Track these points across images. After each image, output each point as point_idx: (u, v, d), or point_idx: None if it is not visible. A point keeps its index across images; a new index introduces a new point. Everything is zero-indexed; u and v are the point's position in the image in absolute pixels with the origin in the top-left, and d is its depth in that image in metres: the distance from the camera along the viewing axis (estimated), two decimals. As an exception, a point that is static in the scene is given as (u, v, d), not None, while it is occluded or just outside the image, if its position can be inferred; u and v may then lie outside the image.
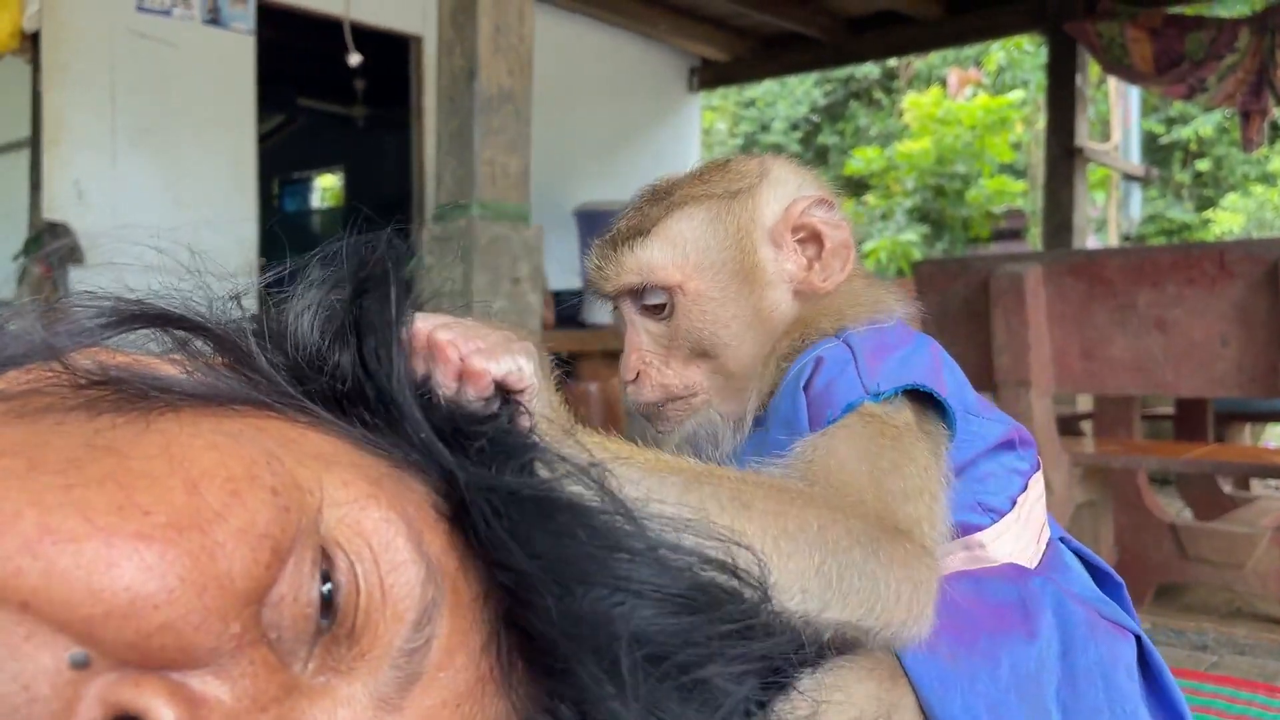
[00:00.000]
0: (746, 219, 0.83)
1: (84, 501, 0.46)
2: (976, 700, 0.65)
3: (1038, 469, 0.84)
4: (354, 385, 0.61)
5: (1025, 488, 0.81)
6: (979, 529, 0.77)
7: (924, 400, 0.74)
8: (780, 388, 0.79)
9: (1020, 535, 0.79)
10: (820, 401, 0.74)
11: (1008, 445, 0.81)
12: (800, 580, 0.58)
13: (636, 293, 0.84)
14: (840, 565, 0.59)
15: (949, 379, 0.79)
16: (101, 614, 0.45)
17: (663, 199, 0.84)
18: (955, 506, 0.75)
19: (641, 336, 0.84)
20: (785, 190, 0.84)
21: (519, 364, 0.57)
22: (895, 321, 0.83)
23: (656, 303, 0.83)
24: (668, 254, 0.82)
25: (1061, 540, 0.85)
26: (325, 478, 0.55)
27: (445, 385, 0.56)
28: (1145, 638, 0.80)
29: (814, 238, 0.83)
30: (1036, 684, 0.69)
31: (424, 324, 0.58)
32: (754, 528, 0.57)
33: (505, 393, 0.58)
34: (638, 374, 0.84)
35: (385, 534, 0.55)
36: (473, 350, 0.56)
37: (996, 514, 0.78)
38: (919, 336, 0.82)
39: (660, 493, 0.57)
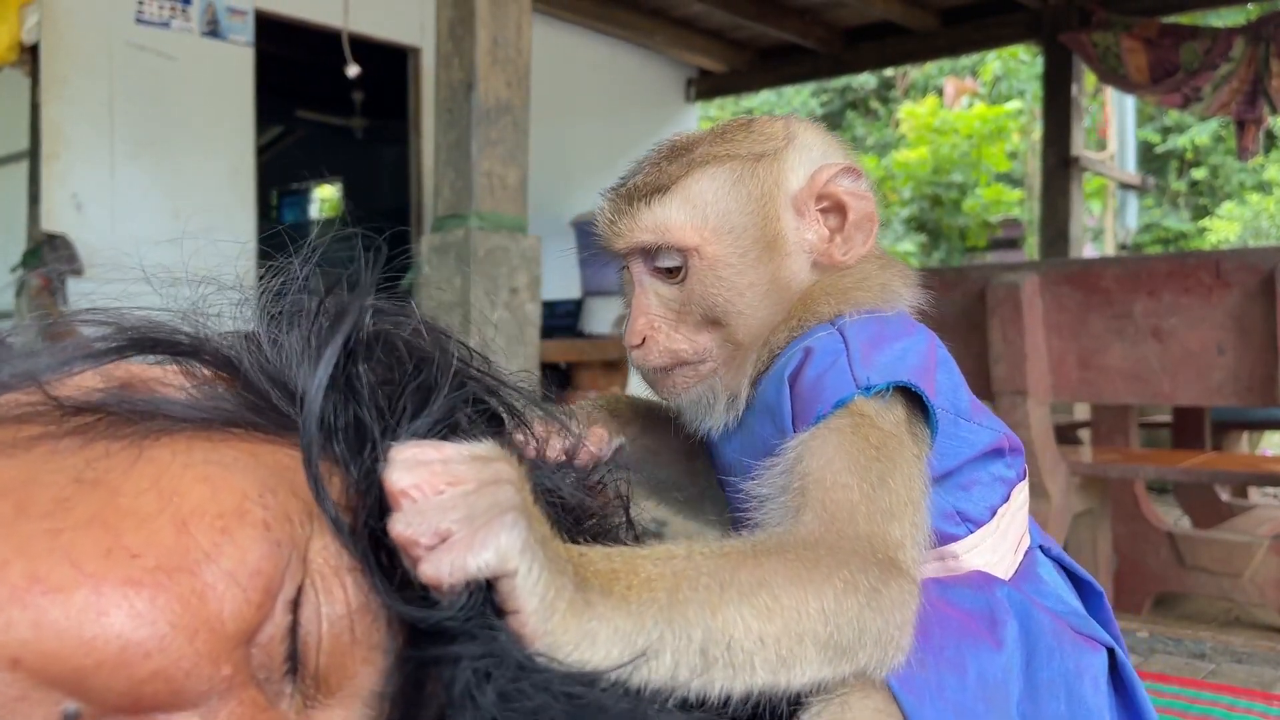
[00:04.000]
0: (771, 183, 0.78)
1: (72, 546, 0.45)
2: (945, 707, 0.65)
3: (1024, 478, 0.82)
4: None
5: (1007, 498, 0.79)
6: (955, 539, 0.76)
7: (914, 397, 0.72)
8: (769, 373, 0.77)
9: (997, 546, 0.78)
10: (810, 395, 0.71)
11: (996, 452, 0.79)
12: (818, 662, 0.58)
13: (649, 253, 0.79)
14: (855, 631, 0.59)
15: (943, 378, 0.77)
16: (93, 664, 0.44)
17: (682, 155, 0.79)
18: (933, 514, 0.72)
19: (650, 299, 0.79)
20: (811, 156, 0.80)
21: (488, 558, 0.48)
22: (898, 311, 0.80)
23: (670, 265, 0.78)
24: (686, 214, 0.77)
25: (1042, 548, 0.83)
26: (316, 510, 0.54)
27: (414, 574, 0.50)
28: (1120, 650, 0.79)
29: (837, 208, 0.79)
30: (1003, 693, 0.69)
31: (393, 486, 0.49)
32: (776, 629, 0.56)
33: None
34: (644, 339, 0.79)
35: (363, 576, 0.53)
36: (436, 544, 0.48)
37: (974, 524, 0.77)
38: (918, 329, 0.79)
39: (677, 626, 0.54)
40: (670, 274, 0.78)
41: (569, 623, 0.50)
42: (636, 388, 1.02)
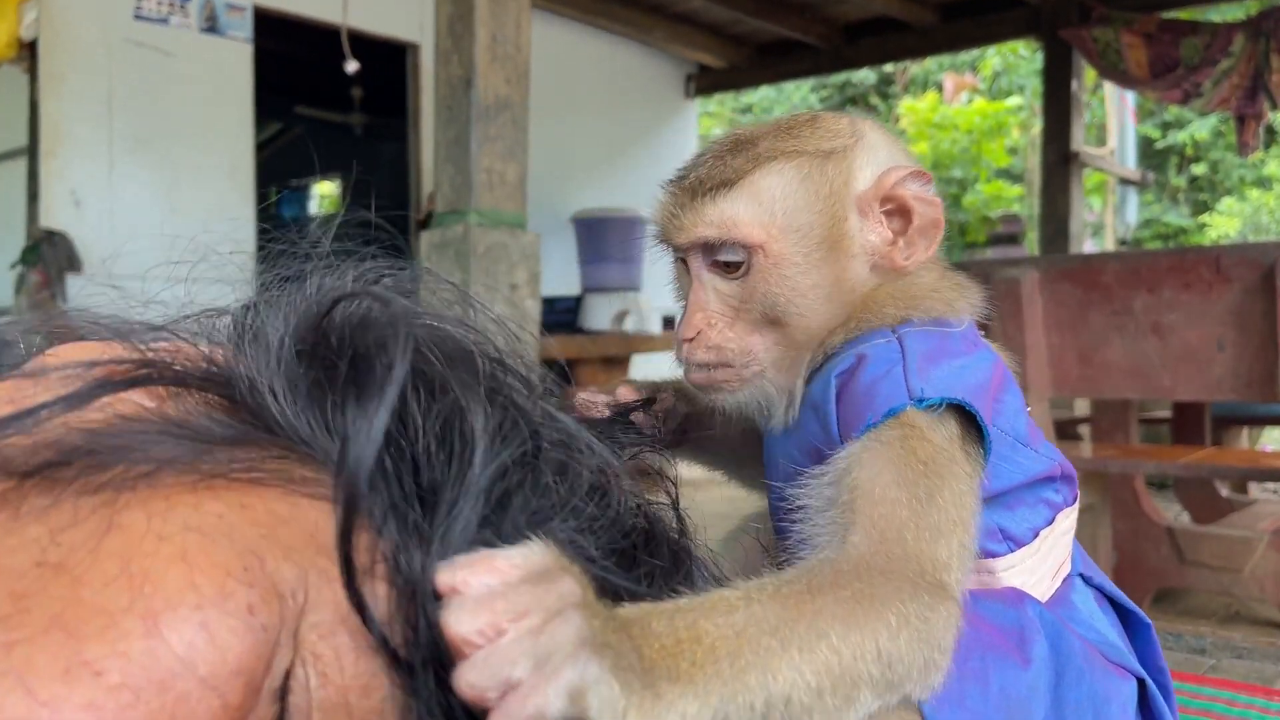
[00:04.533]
0: (840, 182, 0.76)
1: (27, 666, 0.40)
2: (965, 717, 0.64)
3: (1072, 504, 0.81)
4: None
5: (1052, 521, 0.78)
6: (995, 555, 0.75)
7: (969, 418, 0.70)
8: (822, 372, 0.76)
9: (1036, 568, 0.77)
10: (861, 402, 0.70)
11: (1048, 479, 0.78)
12: (870, 700, 0.58)
13: (710, 247, 0.76)
14: (906, 666, 0.59)
15: (1009, 401, 0.75)
16: None
17: (746, 149, 0.77)
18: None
19: (709, 295, 0.77)
20: (878, 156, 0.78)
21: (563, 706, 0.45)
22: (965, 325, 0.78)
23: (732, 260, 0.76)
24: (754, 210, 0.75)
25: (1082, 576, 0.82)
26: (312, 573, 0.49)
27: None
28: (1150, 683, 0.78)
29: (901, 211, 0.77)
30: (1025, 710, 0.68)
31: (454, 634, 0.45)
32: (834, 679, 0.56)
33: None
34: (698, 333, 0.77)
35: (362, 647, 0.49)
36: (506, 691, 0.45)
37: (1016, 543, 0.75)
38: (983, 348, 0.78)
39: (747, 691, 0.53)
40: (730, 269, 0.76)
41: None
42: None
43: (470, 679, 0.44)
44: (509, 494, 0.57)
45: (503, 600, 0.46)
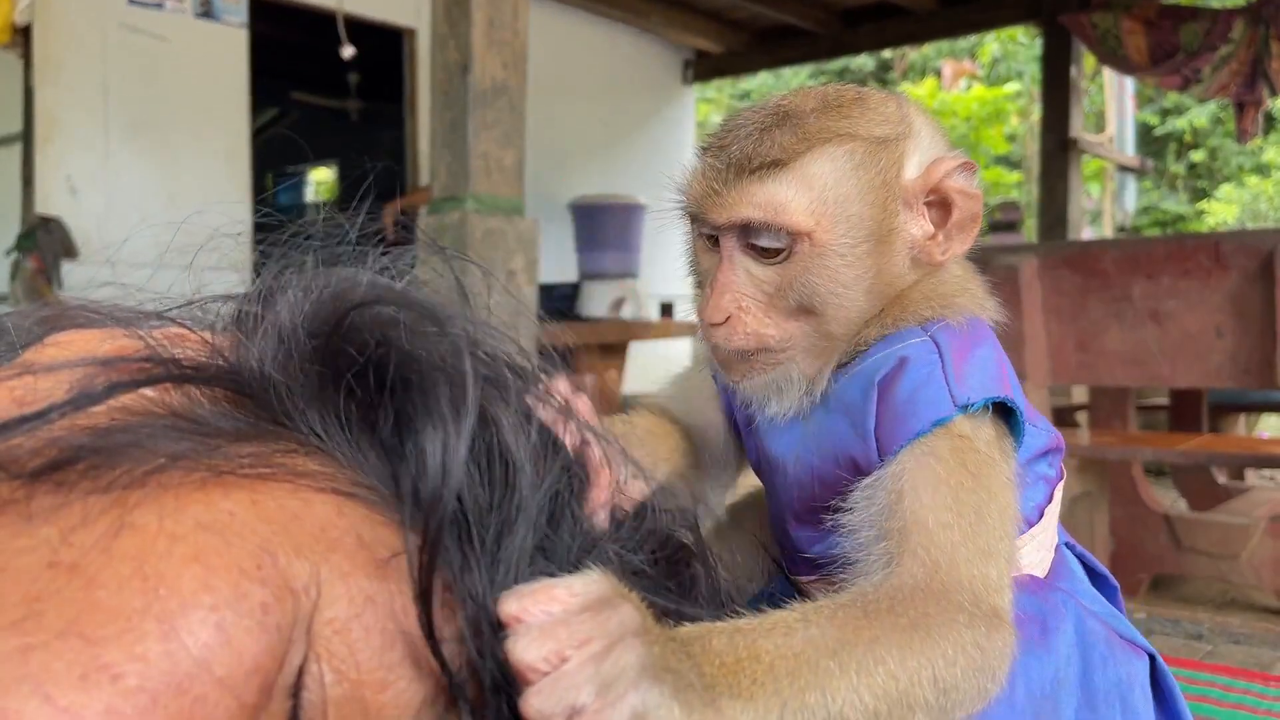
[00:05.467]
0: (892, 174, 0.72)
1: (44, 671, 0.40)
2: None
3: (1063, 477, 0.82)
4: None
5: (1051, 497, 0.79)
6: None
7: (1002, 408, 0.70)
8: (854, 372, 0.74)
9: (1040, 547, 0.77)
10: (904, 409, 0.68)
11: (1043, 454, 0.78)
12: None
13: (750, 229, 0.72)
14: (960, 693, 0.59)
15: (1011, 380, 0.75)
16: None
17: (795, 125, 0.71)
18: None
19: (739, 277, 0.73)
20: (923, 145, 0.75)
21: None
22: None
23: (773, 246, 0.71)
24: (804, 196, 0.70)
25: (1067, 545, 0.82)
26: (324, 569, 0.48)
27: None
28: (1159, 657, 0.78)
29: (942, 204, 0.74)
30: (1053, 704, 0.68)
31: (519, 660, 0.46)
32: (890, 704, 0.56)
33: None
34: (728, 318, 0.72)
35: (377, 643, 0.49)
36: (571, 716, 0.46)
37: (1025, 525, 0.75)
38: (984, 331, 0.77)
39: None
40: (767, 254, 0.72)
41: None
42: (633, 373, 0.99)
43: (536, 704, 0.45)
44: (557, 516, 0.57)
45: (565, 628, 0.47)
